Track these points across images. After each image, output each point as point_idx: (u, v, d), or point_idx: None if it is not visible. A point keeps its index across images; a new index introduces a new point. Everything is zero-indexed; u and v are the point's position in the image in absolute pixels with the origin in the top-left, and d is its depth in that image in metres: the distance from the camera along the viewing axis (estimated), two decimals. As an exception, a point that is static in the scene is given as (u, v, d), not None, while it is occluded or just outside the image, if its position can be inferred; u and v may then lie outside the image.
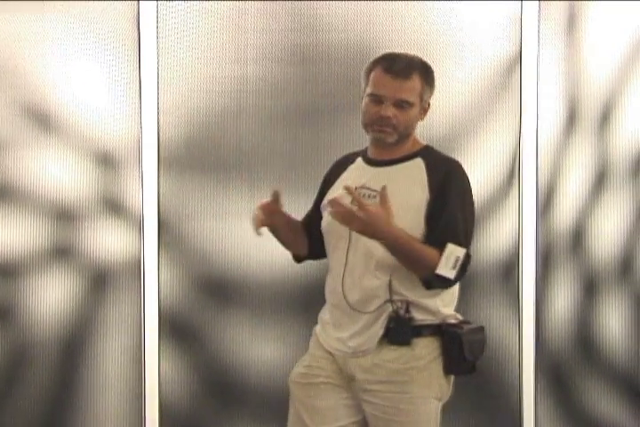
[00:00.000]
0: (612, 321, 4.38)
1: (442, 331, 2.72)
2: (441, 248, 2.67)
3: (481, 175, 4.24)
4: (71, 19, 3.96)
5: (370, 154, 2.87)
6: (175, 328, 4.06)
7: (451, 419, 4.26)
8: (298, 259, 3.07)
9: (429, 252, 2.67)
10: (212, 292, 4.09)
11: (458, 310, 2.78)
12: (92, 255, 4.01)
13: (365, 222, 2.59)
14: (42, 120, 3.97)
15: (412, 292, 2.71)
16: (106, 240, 4.02)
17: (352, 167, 2.90)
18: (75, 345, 4.02)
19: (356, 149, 3.01)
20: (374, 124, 2.78)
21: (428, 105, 2.86)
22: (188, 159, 3.99)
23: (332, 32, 4.09)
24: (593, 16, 4.30)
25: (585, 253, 4.35)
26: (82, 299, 4.02)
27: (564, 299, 4.34)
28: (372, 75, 2.78)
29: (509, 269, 4.27)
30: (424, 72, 2.79)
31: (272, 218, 2.86)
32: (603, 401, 4.39)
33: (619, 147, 4.37)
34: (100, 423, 4.06)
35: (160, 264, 4.03)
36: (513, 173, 4.26)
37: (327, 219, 2.83)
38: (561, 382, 4.34)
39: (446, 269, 2.66)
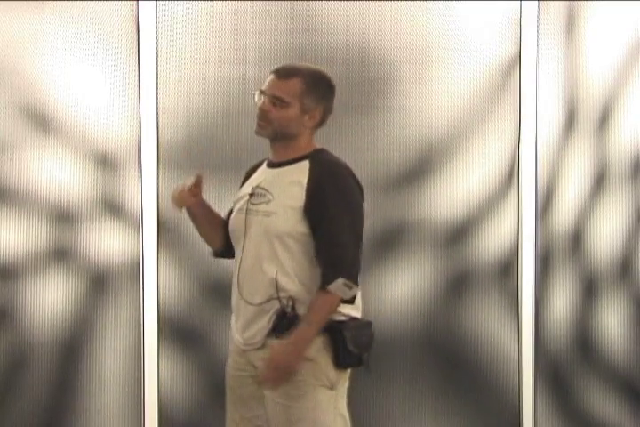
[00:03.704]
0: (611, 322, 4.39)
1: (327, 327, 2.87)
2: (330, 252, 2.81)
3: (480, 176, 4.24)
4: (70, 19, 3.96)
5: (270, 156, 3.00)
6: (174, 330, 4.06)
7: (450, 420, 4.27)
8: (215, 254, 3.20)
9: (324, 304, 2.82)
10: (211, 293, 4.09)
11: (457, 311, 2.78)
12: (92, 257, 4.01)
13: (282, 366, 2.81)
14: (41, 121, 3.97)
15: (297, 289, 2.86)
16: (105, 241, 4.02)
17: (260, 169, 3.04)
18: (74, 347, 4.02)
19: (355, 150, 3.02)
20: (257, 118, 2.93)
21: (318, 113, 2.91)
22: (187, 160, 3.99)
23: (331, 33, 4.09)
24: (592, 16, 4.30)
25: (584, 254, 4.35)
26: (81, 300, 4.02)
27: (563, 300, 4.34)
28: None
29: (508, 270, 4.27)
30: (309, 79, 2.89)
31: (191, 200, 3.05)
32: (602, 402, 4.39)
33: (618, 148, 4.37)
34: (99, 425, 4.06)
35: (159, 265, 4.02)
36: (512, 175, 4.26)
37: (232, 217, 3.01)
38: (560, 382, 4.34)
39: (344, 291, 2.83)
